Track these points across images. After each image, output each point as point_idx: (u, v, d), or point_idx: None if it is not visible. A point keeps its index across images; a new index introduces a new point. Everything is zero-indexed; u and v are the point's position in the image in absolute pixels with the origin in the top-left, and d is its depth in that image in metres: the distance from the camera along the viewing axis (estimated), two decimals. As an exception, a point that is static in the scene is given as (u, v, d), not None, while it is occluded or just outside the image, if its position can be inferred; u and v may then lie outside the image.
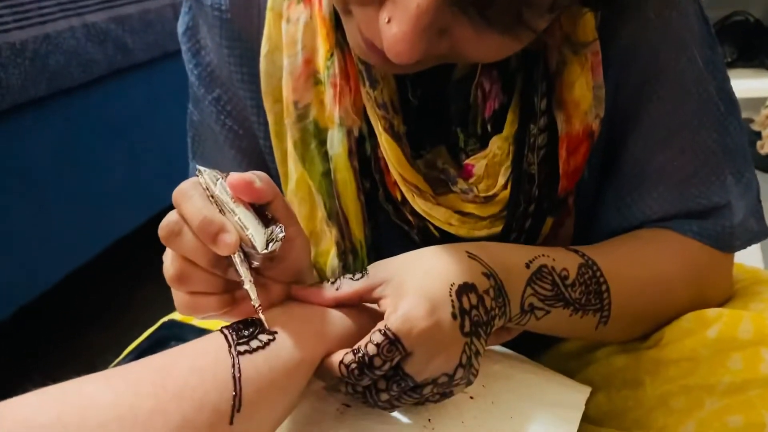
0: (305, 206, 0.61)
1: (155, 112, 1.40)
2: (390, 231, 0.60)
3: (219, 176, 0.43)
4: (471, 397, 0.48)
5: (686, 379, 0.52)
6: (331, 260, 0.62)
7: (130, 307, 1.51)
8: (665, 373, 0.54)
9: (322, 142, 0.57)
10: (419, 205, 0.56)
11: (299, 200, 0.61)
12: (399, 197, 0.57)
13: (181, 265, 0.43)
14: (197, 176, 0.44)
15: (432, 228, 0.58)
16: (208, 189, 0.43)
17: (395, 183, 0.57)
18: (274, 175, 0.62)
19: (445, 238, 0.58)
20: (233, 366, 0.38)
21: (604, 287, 0.52)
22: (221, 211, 0.42)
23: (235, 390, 0.37)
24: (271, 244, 0.42)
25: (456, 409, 0.46)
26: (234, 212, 0.42)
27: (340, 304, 0.46)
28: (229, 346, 0.39)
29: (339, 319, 0.45)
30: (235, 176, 0.42)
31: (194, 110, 0.66)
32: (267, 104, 0.59)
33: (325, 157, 0.58)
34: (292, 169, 0.60)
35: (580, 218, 0.60)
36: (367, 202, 0.58)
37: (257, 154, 0.63)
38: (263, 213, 0.44)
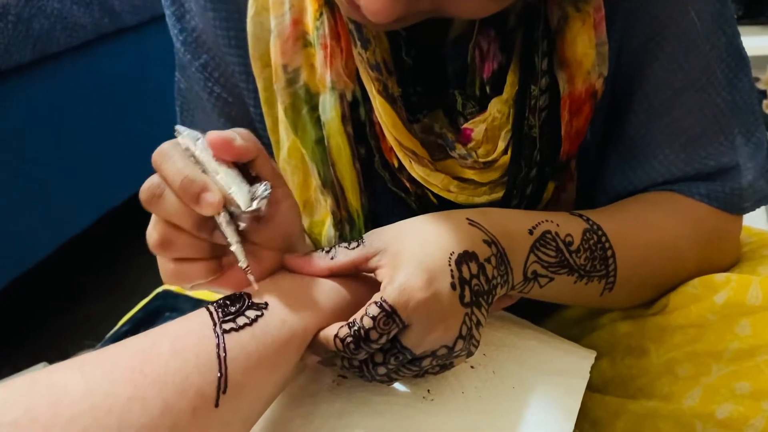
0: (298, 175, 0.59)
1: (146, 78, 1.36)
2: (387, 199, 0.58)
3: (199, 135, 0.42)
4: (472, 367, 0.47)
5: (692, 346, 0.52)
6: (327, 230, 0.60)
7: (126, 277, 1.50)
8: (671, 340, 0.53)
9: (314, 108, 0.55)
10: (416, 171, 0.54)
11: (292, 169, 0.59)
12: (396, 164, 0.56)
13: (164, 229, 0.41)
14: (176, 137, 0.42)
15: (430, 195, 0.57)
16: (188, 149, 0.41)
17: (391, 149, 0.55)
18: (266, 144, 0.60)
19: (443, 205, 0.56)
20: (218, 346, 0.36)
21: (609, 253, 0.51)
22: (203, 171, 0.41)
23: (220, 371, 0.35)
24: (255, 202, 0.40)
25: (456, 379, 0.45)
26: (216, 171, 0.40)
27: (334, 274, 0.45)
28: (214, 325, 0.37)
29: (333, 290, 0.44)
30: (214, 134, 0.41)
31: (181, 78, 0.63)
32: (256, 69, 0.57)
33: (318, 123, 0.56)
34: (284, 136, 0.58)
35: (583, 182, 0.58)
36: (362, 170, 0.57)
37: (248, 122, 0.61)
38: (247, 172, 0.42)
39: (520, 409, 0.44)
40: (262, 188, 0.41)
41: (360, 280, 0.46)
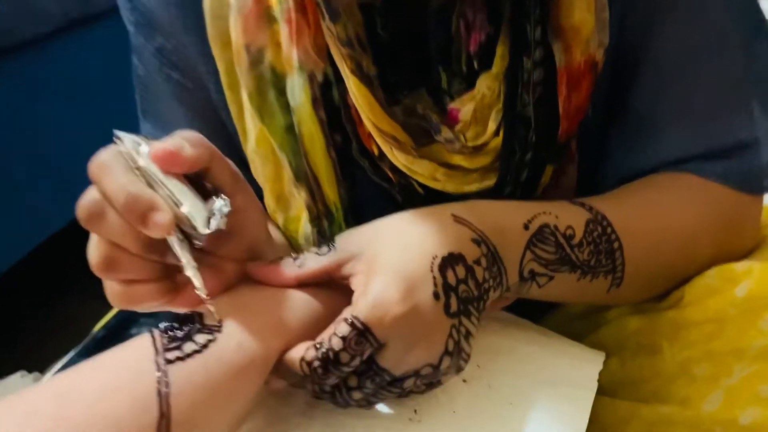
0: (269, 166, 0.54)
1: (122, 69, 1.29)
2: (368, 190, 0.53)
3: (142, 142, 0.36)
4: (464, 381, 0.42)
5: (711, 344, 0.47)
6: (304, 227, 0.55)
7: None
8: (686, 336, 0.48)
9: (282, 92, 0.50)
10: (398, 159, 0.49)
11: (261, 160, 0.54)
12: (376, 151, 0.51)
13: (107, 249, 0.36)
14: (116, 143, 0.36)
15: (416, 185, 0.52)
16: (130, 159, 0.35)
17: (370, 135, 0.50)
18: (232, 132, 0.55)
19: (430, 195, 0.52)
20: (159, 381, 0.31)
21: (615, 245, 0.46)
22: (149, 184, 0.35)
23: (161, 411, 0.30)
24: (213, 221, 0.35)
25: (446, 396, 0.40)
26: (164, 186, 0.35)
27: (304, 284, 0.40)
28: (156, 354, 0.32)
29: (303, 303, 0.39)
30: (157, 146, 0.35)
31: (138, 63, 0.58)
32: (215, 50, 0.52)
33: (287, 108, 0.51)
34: (250, 124, 0.53)
35: (584, 165, 0.53)
36: (339, 159, 0.52)
37: (211, 109, 0.56)
38: (202, 183, 0.36)
39: (519, 428, 0.39)
40: (219, 203, 0.36)
41: (335, 288, 0.40)
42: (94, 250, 0.36)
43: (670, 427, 0.47)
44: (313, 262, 0.39)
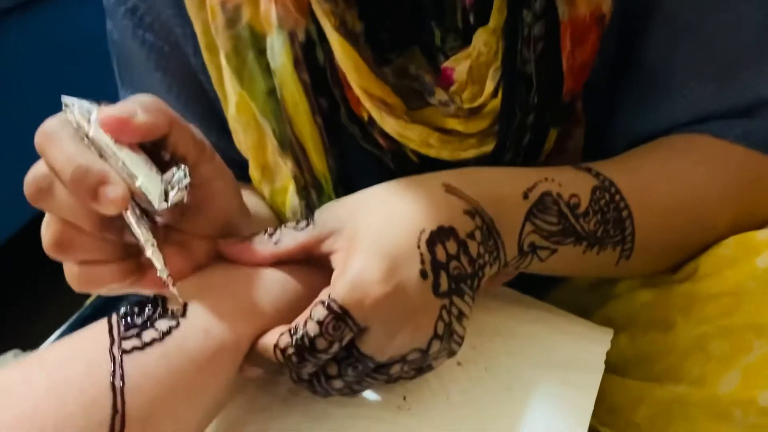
0: (252, 134, 0.51)
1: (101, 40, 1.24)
2: (359, 159, 0.50)
3: (93, 109, 0.33)
4: (459, 364, 0.39)
5: (728, 319, 0.44)
6: (291, 199, 0.52)
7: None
8: (701, 311, 0.45)
9: (262, 52, 0.47)
10: (389, 124, 0.46)
11: (243, 128, 0.50)
12: (365, 117, 0.48)
13: (59, 229, 0.33)
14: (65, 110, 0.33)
15: (409, 152, 0.49)
16: (80, 128, 0.32)
17: (359, 99, 0.46)
18: (214, 99, 0.52)
19: (425, 163, 0.48)
20: (113, 373, 0.28)
21: (625, 213, 0.42)
22: (101, 156, 0.32)
23: (115, 407, 0.27)
24: (171, 194, 0.32)
25: (439, 380, 0.37)
26: (117, 157, 0.31)
27: (281, 262, 0.37)
28: (111, 344, 0.29)
29: (279, 283, 0.36)
30: (106, 112, 0.32)
31: (113, 27, 0.54)
32: (191, 10, 0.48)
33: (268, 70, 0.47)
34: (230, 89, 0.49)
35: (591, 128, 0.50)
36: (326, 125, 0.48)
37: (190, 75, 0.52)
38: (159, 153, 0.33)
39: (518, 416, 0.36)
40: (178, 175, 0.32)
41: (316, 267, 0.37)
42: (46, 229, 0.33)
43: (684, 407, 0.44)
44: (289, 238, 0.36)
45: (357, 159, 0.50)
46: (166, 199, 0.32)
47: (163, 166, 0.33)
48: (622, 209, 0.42)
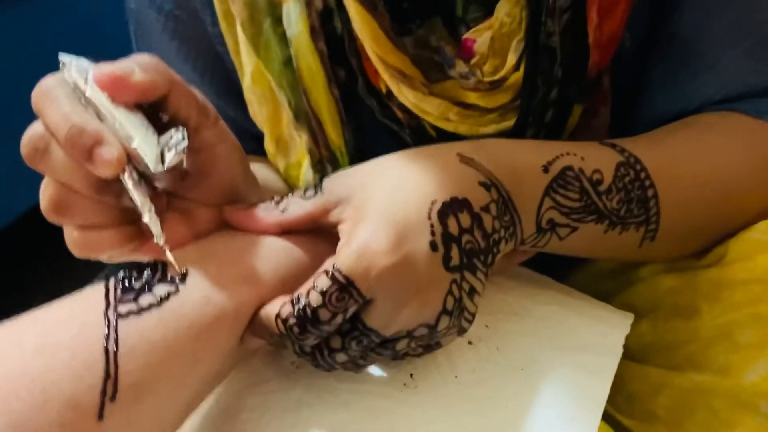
0: (267, 106, 0.50)
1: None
2: (376, 133, 0.49)
3: (90, 67, 0.32)
4: (470, 342, 0.37)
5: (757, 306, 0.42)
6: (305, 173, 0.51)
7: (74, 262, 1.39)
8: (729, 298, 0.43)
9: (278, 20, 0.46)
10: (407, 96, 0.45)
11: (258, 99, 0.50)
12: (384, 89, 0.46)
13: (56, 191, 0.32)
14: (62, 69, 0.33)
15: (427, 126, 0.47)
16: (77, 87, 0.32)
17: (377, 70, 0.45)
18: (231, 70, 0.51)
19: (443, 138, 0.47)
20: (106, 337, 0.27)
21: (650, 192, 0.41)
22: (99, 117, 0.31)
23: (107, 371, 0.26)
24: (169, 157, 0.31)
25: (447, 359, 0.36)
26: (113, 116, 0.31)
27: (286, 231, 0.36)
28: (107, 307, 0.28)
29: (284, 253, 0.34)
30: (101, 69, 0.31)
31: None
32: None
33: (284, 39, 0.46)
34: (246, 59, 0.48)
35: (618, 105, 0.48)
36: (343, 97, 0.47)
37: (207, 44, 0.52)
38: (157, 114, 0.32)
39: (530, 398, 0.34)
40: (176, 137, 0.31)
41: (322, 236, 0.36)
42: (44, 192, 0.32)
43: (706, 397, 0.43)
44: (296, 206, 0.35)
45: (374, 133, 0.49)
46: (162, 162, 0.31)
47: (162, 130, 0.32)
48: (648, 187, 0.40)
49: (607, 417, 0.40)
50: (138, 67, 0.31)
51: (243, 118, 0.52)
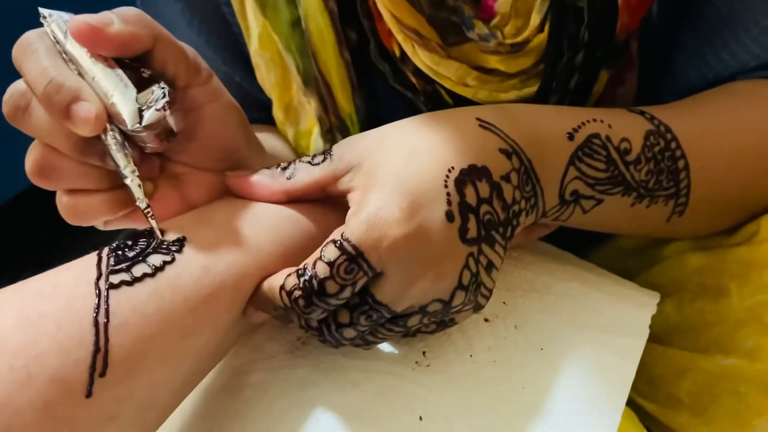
0: (275, 71, 0.47)
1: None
2: (389, 100, 0.47)
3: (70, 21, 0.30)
4: (486, 320, 0.35)
5: None
6: (315, 142, 0.49)
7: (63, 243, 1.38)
8: (759, 279, 0.41)
9: None
10: (422, 59, 0.43)
11: (266, 63, 0.47)
12: (397, 52, 0.44)
13: (40, 153, 0.30)
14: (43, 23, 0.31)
15: (443, 92, 0.45)
16: (59, 41, 0.30)
17: (391, 32, 0.43)
18: (237, 33, 0.49)
19: (460, 105, 0.44)
20: (96, 308, 0.25)
21: (681, 164, 0.38)
22: (79, 73, 0.29)
23: (97, 344, 0.25)
24: (147, 114, 0.29)
25: (463, 336, 0.34)
26: (92, 72, 0.29)
27: (294, 200, 0.34)
28: (98, 277, 0.26)
29: (289, 222, 0.33)
30: (77, 19, 0.29)
31: None
32: None
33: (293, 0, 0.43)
34: (252, 20, 0.46)
35: (646, 72, 0.45)
36: (355, 61, 0.45)
37: (212, 7, 0.49)
38: (139, 70, 0.30)
39: (549, 379, 0.32)
40: (156, 93, 0.29)
41: (331, 205, 0.34)
42: (29, 154, 0.31)
43: (733, 381, 0.41)
44: (304, 173, 0.33)
45: (386, 101, 0.47)
46: (140, 120, 0.29)
47: (141, 85, 0.30)
48: (678, 158, 0.38)
49: (627, 401, 0.38)
50: (118, 18, 0.29)
51: (250, 85, 0.50)
